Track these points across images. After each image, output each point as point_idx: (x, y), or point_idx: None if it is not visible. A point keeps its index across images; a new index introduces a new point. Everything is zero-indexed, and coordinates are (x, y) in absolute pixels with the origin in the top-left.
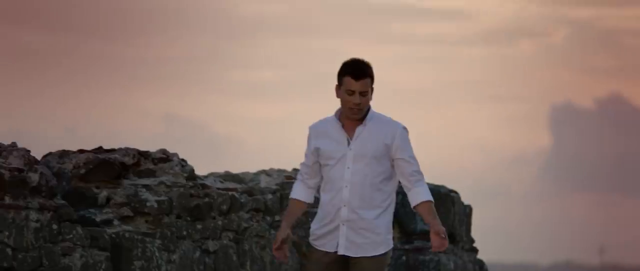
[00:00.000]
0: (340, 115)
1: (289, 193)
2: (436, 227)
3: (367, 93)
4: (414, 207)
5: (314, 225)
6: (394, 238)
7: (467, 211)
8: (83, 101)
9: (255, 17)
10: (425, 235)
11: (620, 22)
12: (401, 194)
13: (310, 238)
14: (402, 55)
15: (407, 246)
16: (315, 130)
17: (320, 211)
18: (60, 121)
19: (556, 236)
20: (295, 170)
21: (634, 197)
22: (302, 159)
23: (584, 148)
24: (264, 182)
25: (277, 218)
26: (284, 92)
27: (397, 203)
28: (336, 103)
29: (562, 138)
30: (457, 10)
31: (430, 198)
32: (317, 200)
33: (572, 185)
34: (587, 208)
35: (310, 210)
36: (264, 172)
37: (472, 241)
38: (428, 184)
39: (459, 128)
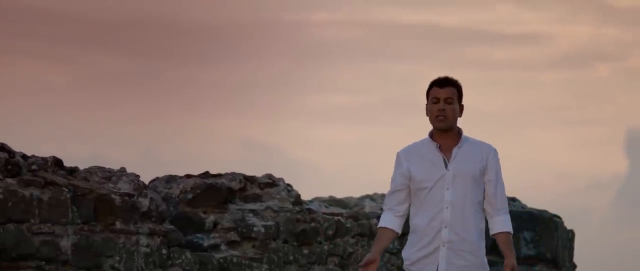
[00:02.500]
0: (434, 135)
1: None
2: (510, 261)
3: (452, 101)
4: (492, 235)
5: (407, 252)
6: (495, 262)
7: (570, 236)
8: (163, 125)
9: (331, 42)
10: (528, 259)
11: None
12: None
13: (405, 264)
14: (477, 80)
15: None
16: (406, 155)
17: (413, 236)
18: (140, 145)
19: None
20: None
21: None
22: (380, 182)
23: None
24: (368, 206)
25: None
26: (359, 117)
27: None
28: (412, 127)
29: (638, 163)
30: (532, 34)
31: (510, 229)
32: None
33: None
34: None
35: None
36: (368, 196)
37: (575, 266)
38: (531, 209)
39: (534, 152)
